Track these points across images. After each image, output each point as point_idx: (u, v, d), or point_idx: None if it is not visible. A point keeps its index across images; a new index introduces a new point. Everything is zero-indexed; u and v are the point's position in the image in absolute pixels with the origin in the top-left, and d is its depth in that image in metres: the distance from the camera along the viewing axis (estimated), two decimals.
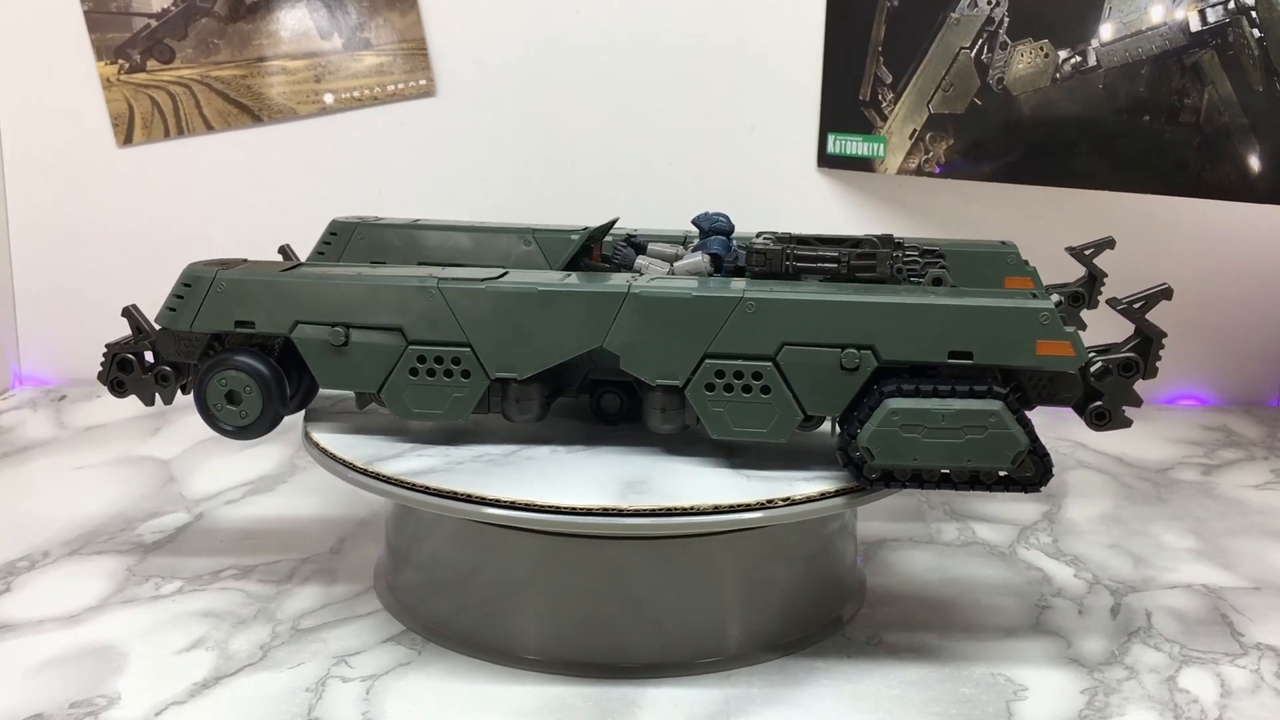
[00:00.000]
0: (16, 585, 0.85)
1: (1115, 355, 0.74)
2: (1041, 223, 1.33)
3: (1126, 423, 0.75)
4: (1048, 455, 0.70)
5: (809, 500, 0.71)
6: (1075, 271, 0.99)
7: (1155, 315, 0.77)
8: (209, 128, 1.30)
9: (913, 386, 0.70)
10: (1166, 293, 0.77)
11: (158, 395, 0.81)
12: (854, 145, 1.30)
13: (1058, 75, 1.18)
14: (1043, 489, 0.71)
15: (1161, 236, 1.33)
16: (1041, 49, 1.18)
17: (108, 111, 1.29)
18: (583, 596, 0.75)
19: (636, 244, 0.88)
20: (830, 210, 1.33)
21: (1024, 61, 1.19)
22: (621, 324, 0.73)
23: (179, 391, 0.81)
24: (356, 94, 1.30)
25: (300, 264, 0.83)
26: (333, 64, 1.29)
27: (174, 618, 0.81)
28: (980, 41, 1.21)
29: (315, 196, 1.32)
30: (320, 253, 0.93)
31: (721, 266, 0.81)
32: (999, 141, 1.22)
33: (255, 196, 1.32)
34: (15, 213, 1.32)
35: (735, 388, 0.72)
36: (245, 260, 0.82)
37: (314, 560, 0.90)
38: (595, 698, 0.71)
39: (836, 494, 0.71)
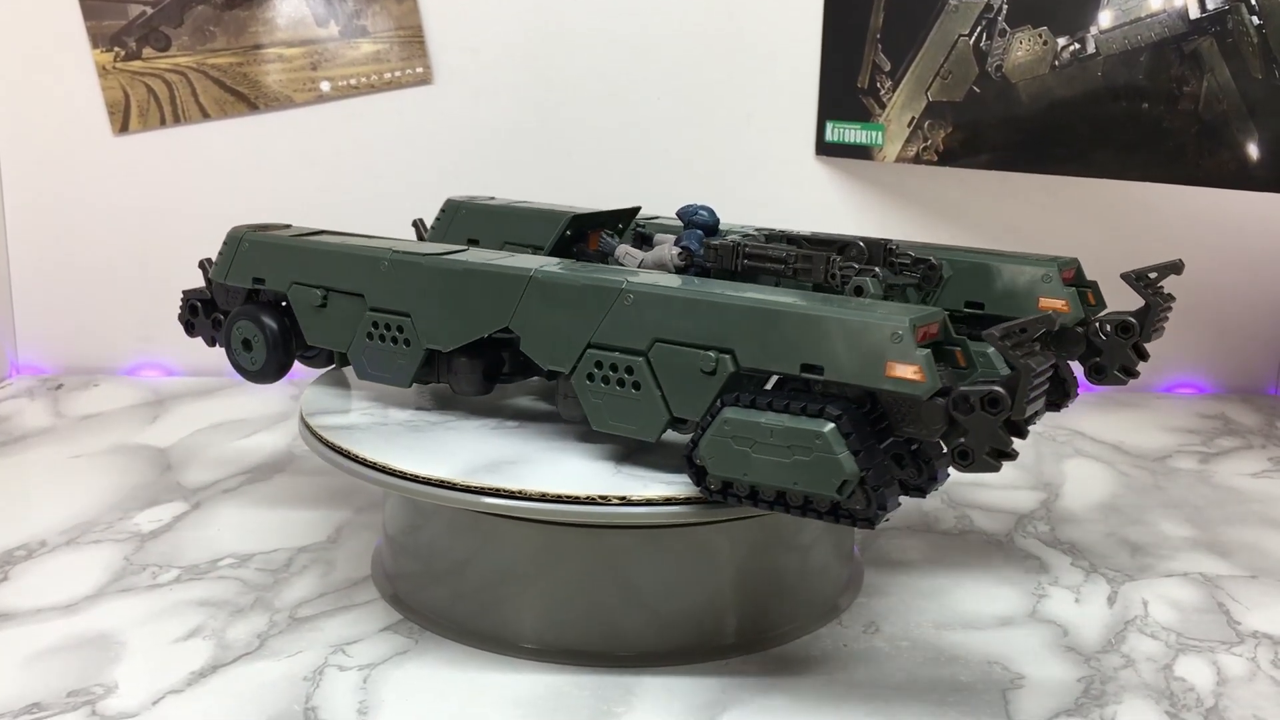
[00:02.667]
0: (14, 574, 0.85)
1: (977, 387, 0.60)
2: (1040, 210, 1.33)
3: (993, 467, 0.61)
4: (882, 489, 0.62)
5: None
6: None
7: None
8: (205, 116, 1.29)
9: (750, 397, 0.64)
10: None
11: (216, 337, 0.90)
12: (852, 133, 1.29)
13: (1056, 62, 1.18)
14: (875, 526, 0.63)
15: (1160, 224, 1.33)
16: (1040, 36, 1.18)
17: (104, 99, 1.28)
18: (579, 585, 0.75)
19: (643, 234, 0.87)
20: (828, 198, 1.33)
21: (1023, 49, 1.19)
22: (524, 306, 0.73)
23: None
24: (353, 82, 1.29)
25: (317, 232, 0.87)
26: (329, 52, 1.29)
27: (171, 607, 0.81)
28: (979, 29, 1.21)
29: (312, 184, 1.31)
30: (433, 229, 0.96)
31: (694, 261, 0.79)
32: (997, 129, 1.22)
33: (251, 184, 1.31)
34: (11, 201, 1.31)
35: (611, 380, 0.70)
36: (287, 225, 0.90)
37: (311, 549, 0.90)
38: (591, 686, 0.71)
39: None
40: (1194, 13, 1.11)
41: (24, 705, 0.68)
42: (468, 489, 0.70)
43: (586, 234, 0.88)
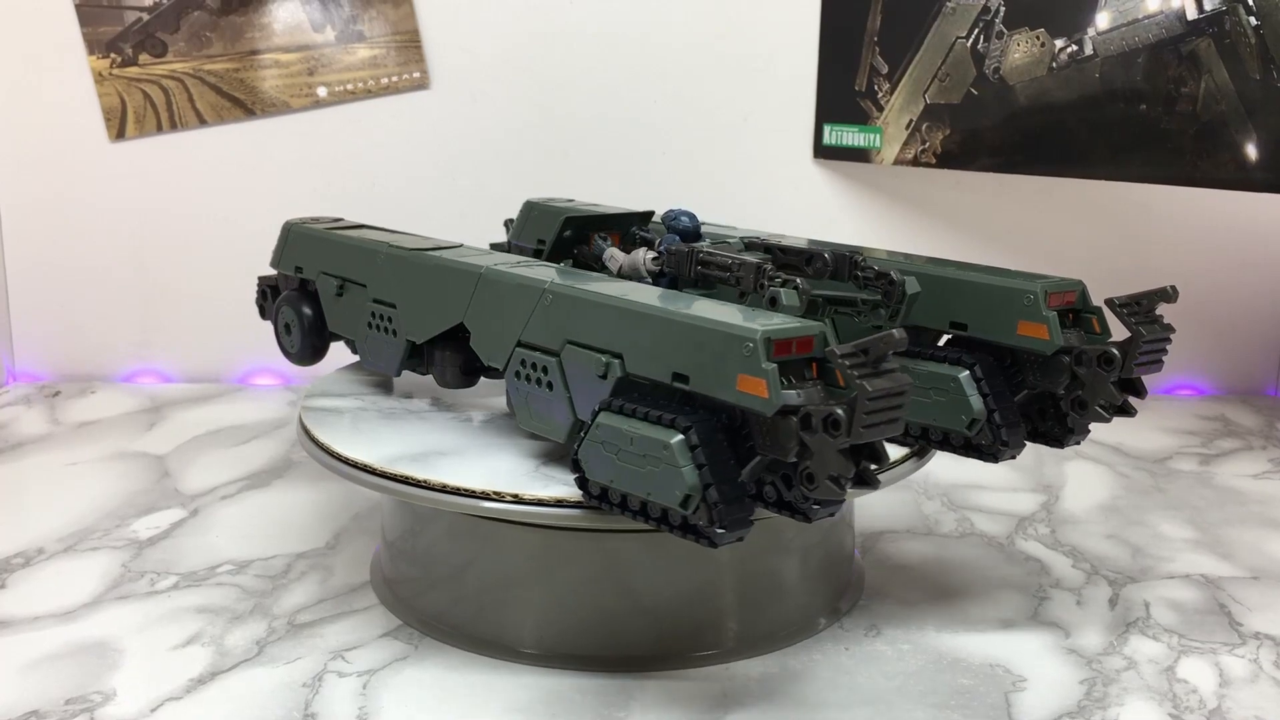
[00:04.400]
0: (11, 582, 0.85)
1: (822, 406, 0.57)
2: (1038, 213, 1.33)
3: (836, 494, 0.58)
4: (720, 505, 0.59)
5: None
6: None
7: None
8: (202, 121, 1.29)
9: (622, 403, 0.63)
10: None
11: None
12: (850, 136, 1.29)
13: (1054, 64, 1.18)
14: (718, 546, 0.60)
15: (1158, 226, 1.33)
16: (1038, 38, 1.18)
17: (100, 106, 1.28)
18: (579, 589, 0.75)
19: (646, 239, 0.87)
20: (826, 201, 1.33)
21: (1020, 51, 1.19)
22: (475, 303, 0.74)
23: None
24: (350, 87, 1.29)
25: (357, 226, 0.91)
26: (326, 57, 1.29)
27: (169, 613, 0.80)
28: (976, 31, 1.21)
29: (309, 190, 1.31)
30: (512, 229, 0.95)
31: (664, 268, 0.77)
32: (995, 131, 1.22)
33: (249, 190, 1.31)
34: (8, 208, 1.31)
35: (531, 379, 0.70)
36: (339, 219, 0.93)
37: (310, 555, 0.89)
38: (593, 691, 0.71)
39: None
40: (1191, 14, 1.11)
41: (22, 713, 0.68)
42: (382, 474, 0.72)
43: (589, 236, 0.88)
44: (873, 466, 0.60)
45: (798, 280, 0.67)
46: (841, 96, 1.28)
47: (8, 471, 1.07)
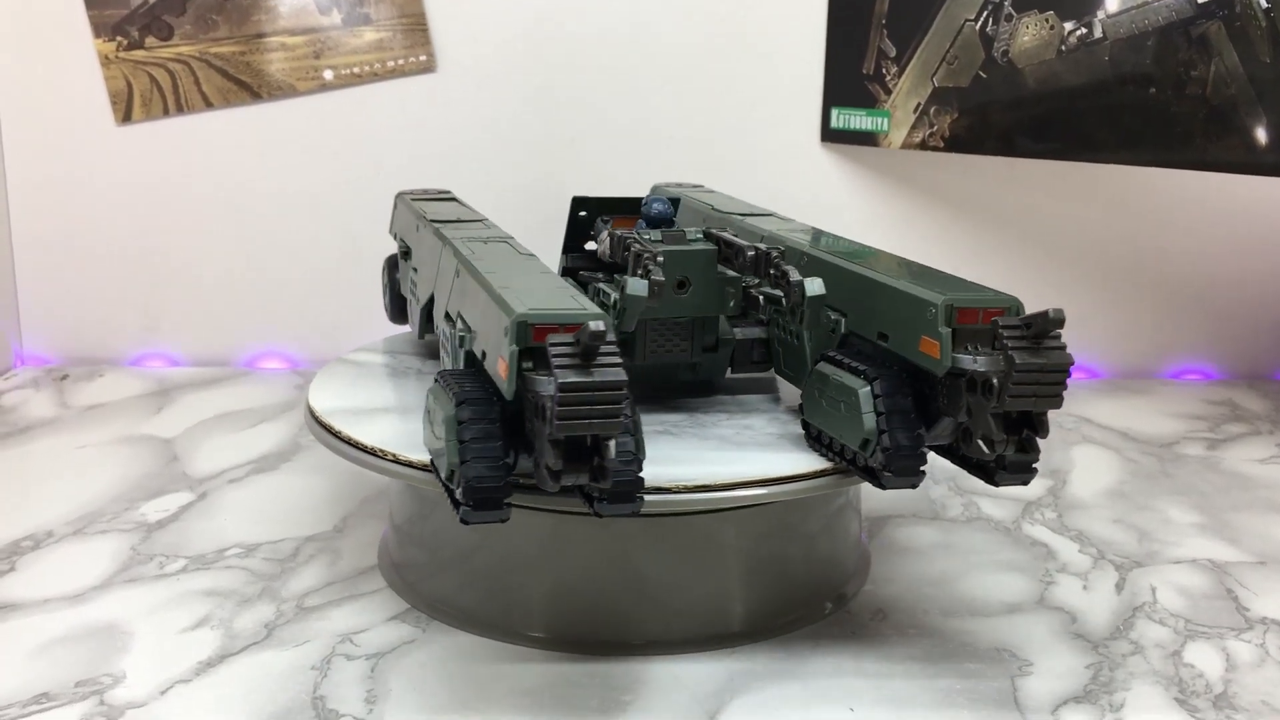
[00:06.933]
0: (21, 565, 0.85)
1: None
2: (1047, 196, 1.33)
3: (627, 508, 0.61)
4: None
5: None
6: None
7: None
8: (208, 105, 1.29)
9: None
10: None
11: None
12: (858, 120, 1.29)
13: (1063, 48, 1.17)
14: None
15: (1167, 209, 1.32)
16: (1047, 21, 1.17)
17: (106, 89, 1.28)
18: (586, 573, 0.75)
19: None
20: (834, 185, 1.32)
21: (1029, 34, 1.18)
22: (441, 274, 0.77)
23: None
24: (356, 70, 1.29)
25: (444, 198, 0.94)
26: (332, 40, 1.28)
27: (178, 596, 0.81)
28: (985, 14, 1.20)
29: (316, 173, 1.31)
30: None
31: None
32: (1004, 115, 1.21)
33: (255, 174, 1.31)
34: (15, 191, 1.31)
35: (449, 347, 0.73)
36: (444, 191, 0.97)
37: (318, 539, 0.90)
38: (600, 675, 0.71)
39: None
40: None
41: (32, 695, 0.68)
42: (325, 426, 0.78)
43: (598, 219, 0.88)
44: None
45: (651, 269, 0.68)
46: (849, 80, 1.28)
47: (17, 455, 1.07)
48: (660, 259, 0.70)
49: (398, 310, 0.95)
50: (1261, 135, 1.10)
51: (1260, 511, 0.99)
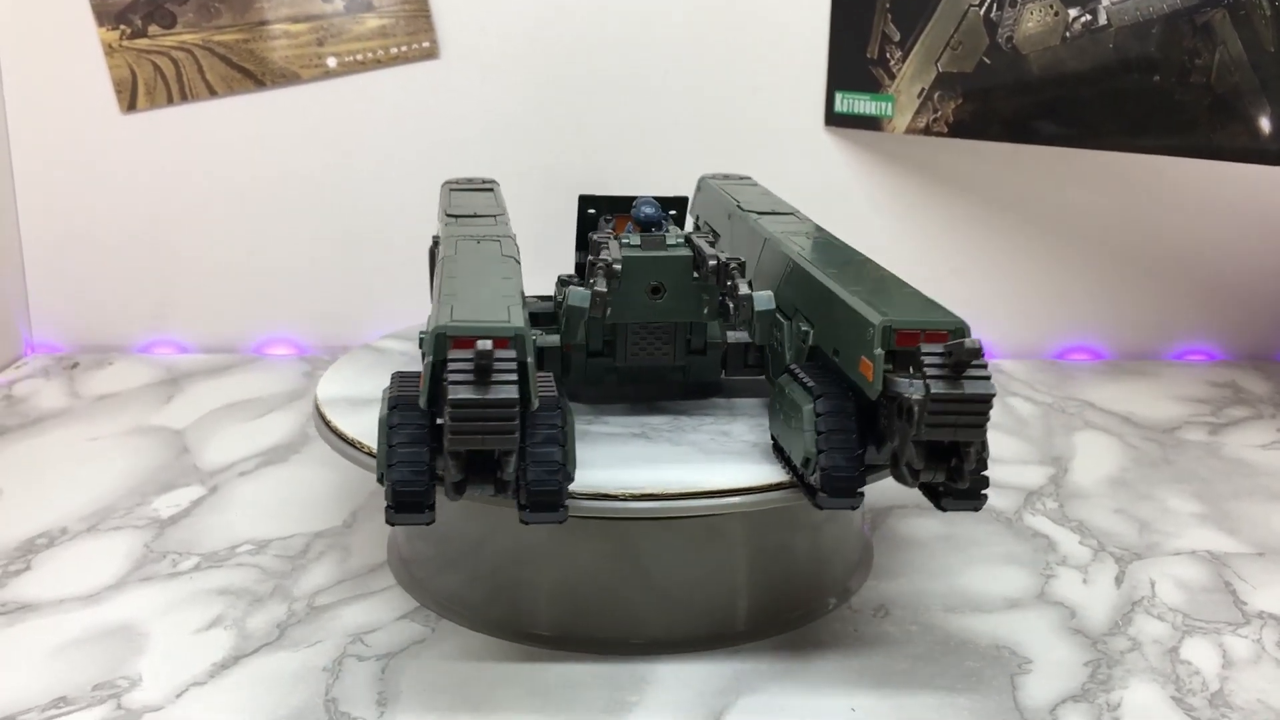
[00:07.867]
0: (36, 563, 0.86)
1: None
2: (1051, 182, 1.32)
3: (550, 516, 0.64)
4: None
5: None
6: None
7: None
8: (212, 93, 1.29)
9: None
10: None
11: None
12: (862, 104, 1.29)
13: (1068, 34, 1.17)
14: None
15: (1170, 192, 1.32)
16: (1051, 7, 1.17)
17: (110, 78, 1.28)
18: (592, 572, 0.76)
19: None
20: (837, 169, 1.32)
21: (1033, 20, 1.18)
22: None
23: None
24: (359, 57, 1.29)
25: (483, 188, 0.96)
26: (335, 26, 1.28)
27: (192, 595, 0.82)
28: (989, 0, 1.19)
29: (319, 160, 1.31)
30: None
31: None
32: (1008, 101, 1.21)
33: (260, 161, 1.31)
34: (22, 181, 1.31)
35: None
36: (488, 181, 0.98)
37: (328, 534, 0.91)
38: (606, 675, 0.72)
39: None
40: None
41: (51, 699, 0.70)
42: (324, 417, 0.80)
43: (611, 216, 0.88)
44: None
45: (595, 281, 0.70)
46: (853, 64, 1.28)
47: (30, 447, 1.08)
48: (617, 265, 0.71)
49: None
50: (1265, 124, 1.10)
51: (1260, 500, 1.00)
